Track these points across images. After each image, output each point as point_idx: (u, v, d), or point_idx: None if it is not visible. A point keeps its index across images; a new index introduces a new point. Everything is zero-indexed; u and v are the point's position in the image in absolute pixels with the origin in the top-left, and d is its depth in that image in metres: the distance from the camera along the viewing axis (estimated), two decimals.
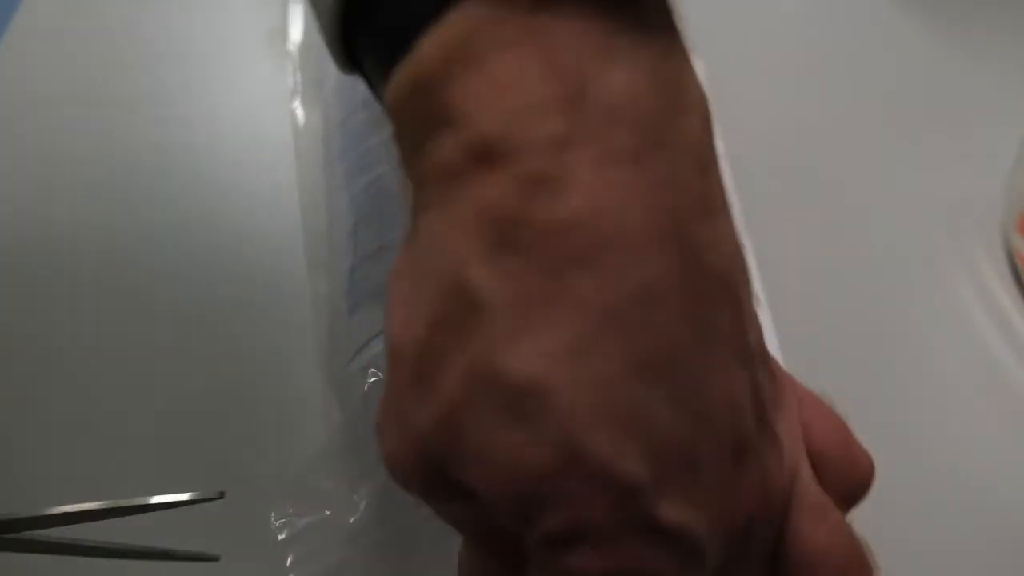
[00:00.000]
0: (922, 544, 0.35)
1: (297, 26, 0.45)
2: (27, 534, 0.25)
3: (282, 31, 0.45)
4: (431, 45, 0.17)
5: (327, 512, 0.29)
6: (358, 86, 0.37)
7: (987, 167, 0.45)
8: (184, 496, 0.26)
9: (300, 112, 0.42)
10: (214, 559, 0.27)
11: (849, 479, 0.23)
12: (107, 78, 0.45)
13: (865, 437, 0.37)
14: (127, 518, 0.25)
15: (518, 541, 0.19)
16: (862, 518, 0.35)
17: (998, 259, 0.43)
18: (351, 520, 0.29)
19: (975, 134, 0.48)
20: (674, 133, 0.17)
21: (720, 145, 0.20)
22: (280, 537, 0.29)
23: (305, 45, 0.43)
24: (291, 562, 0.29)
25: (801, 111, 0.49)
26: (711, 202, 0.18)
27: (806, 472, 0.22)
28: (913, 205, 0.45)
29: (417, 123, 0.18)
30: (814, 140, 0.47)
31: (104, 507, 0.25)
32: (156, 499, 0.25)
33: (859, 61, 0.52)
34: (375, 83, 0.20)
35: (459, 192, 0.17)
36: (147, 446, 0.33)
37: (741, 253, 0.20)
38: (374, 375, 0.30)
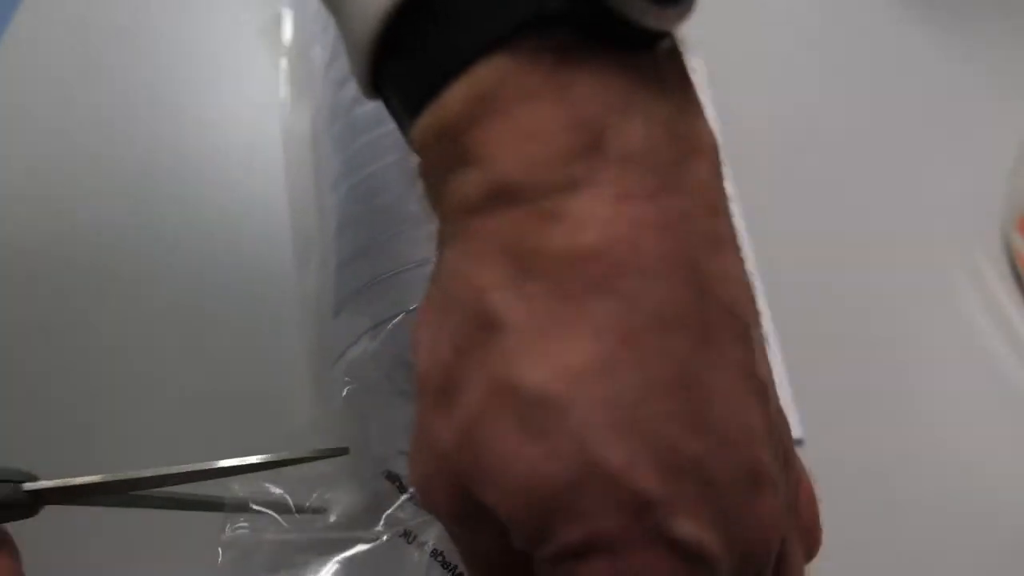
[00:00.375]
0: (922, 543, 0.35)
1: (289, 26, 0.45)
2: (156, 491, 0.26)
3: (274, 30, 0.45)
4: (459, 93, 0.18)
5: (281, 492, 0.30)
6: (346, 88, 0.37)
7: (987, 167, 0.45)
8: (309, 452, 0.27)
9: (290, 112, 0.42)
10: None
11: (806, 548, 0.23)
12: (106, 78, 0.45)
13: (866, 436, 0.37)
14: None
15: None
16: (864, 517, 0.35)
17: (998, 259, 0.43)
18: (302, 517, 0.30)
19: (975, 134, 0.48)
20: (686, 178, 0.19)
21: (729, 186, 0.20)
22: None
23: (296, 45, 0.44)
24: (228, 529, 0.29)
25: (801, 111, 0.49)
26: (721, 240, 0.19)
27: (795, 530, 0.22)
28: (913, 205, 0.45)
29: (442, 162, 0.19)
30: (814, 140, 0.47)
31: (230, 465, 0.26)
32: (281, 456, 0.27)
33: (859, 61, 0.52)
34: (399, 115, 0.21)
35: (480, 226, 0.18)
36: (133, 440, 0.33)
37: (751, 293, 0.20)
38: (349, 383, 0.30)
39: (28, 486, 0.24)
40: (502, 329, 0.18)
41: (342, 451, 0.28)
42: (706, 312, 0.18)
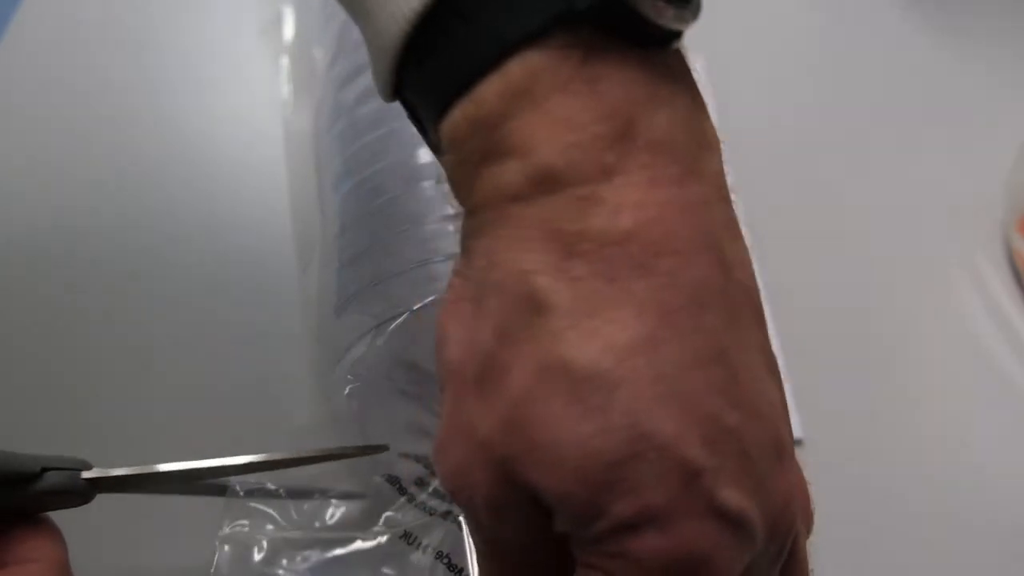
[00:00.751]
0: (922, 543, 0.35)
1: (289, 24, 0.45)
2: (210, 481, 0.28)
3: (275, 29, 0.45)
4: (493, 88, 0.19)
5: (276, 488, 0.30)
6: (348, 88, 0.37)
7: (987, 167, 0.45)
8: (350, 449, 0.29)
9: (291, 112, 0.42)
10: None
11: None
12: (106, 78, 0.45)
13: (866, 436, 0.37)
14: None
15: (556, 561, 0.21)
16: (864, 517, 0.35)
17: (998, 259, 0.43)
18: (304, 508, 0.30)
19: (975, 134, 0.48)
20: (703, 167, 0.20)
21: (731, 180, 0.21)
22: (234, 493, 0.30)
23: (297, 44, 0.44)
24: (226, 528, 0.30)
25: (801, 111, 0.49)
26: (734, 226, 0.21)
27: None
28: (913, 205, 0.45)
29: (475, 155, 0.20)
30: (814, 140, 0.47)
31: (279, 458, 0.27)
32: (326, 450, 0.28)
33: (859, 62, 0.52)
34: (422, 115, 0.22)
35: (520, 212, 0.19)
36: (132, 439, 0.33)
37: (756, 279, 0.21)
38: (350, 383, 0.30)
39: (85, 474, 0.24)
40: (549, 310, 0.19)
41: (382, 448, 0.29)
42: (731, 293, 0.20)
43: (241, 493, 0.29)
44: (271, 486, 0.30)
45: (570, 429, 0.18)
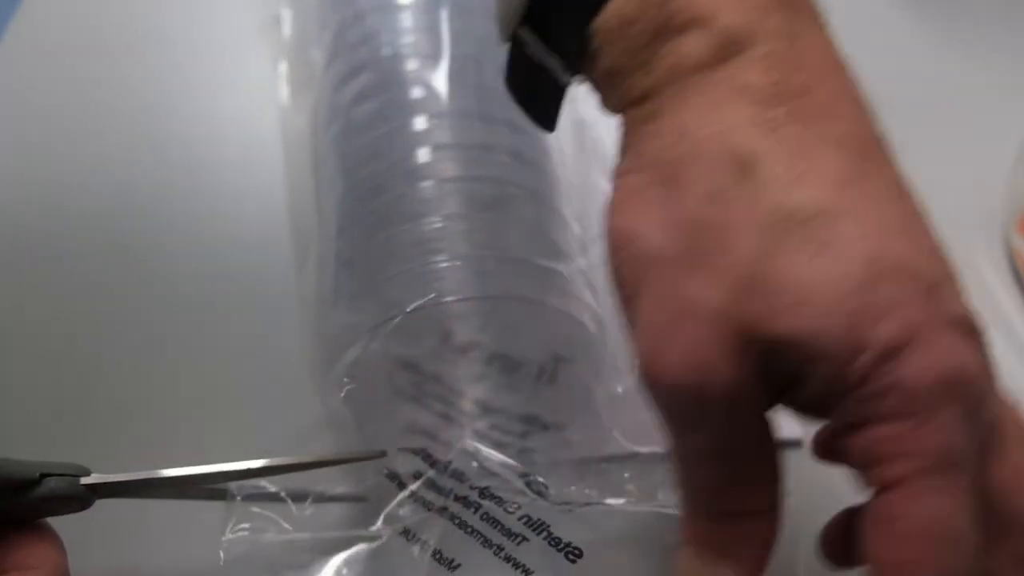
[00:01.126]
0: None
1: (287, 26, 0.45)
2: (212, 486, 0.29)
3: (273, 31, 0.45)
4: None
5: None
6: (345, 88, 0.37)
7: (987, 167, 0.45)
8: (348, 454, 0.30)
9: (290, 113, 0.42)
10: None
11: None
12: (105, 79, 0.45)
13: None
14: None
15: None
16: None
17: (998, 259, 0.43)
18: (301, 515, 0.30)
19: (975, 134, 0.48)
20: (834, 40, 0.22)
21: None
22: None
23: (295, 46, 0.43)
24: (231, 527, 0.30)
25: None
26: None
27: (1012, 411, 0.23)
28: None
29: (644, 36, 0.21)
30: None
31: (277, 464, 0.28)
32: (322, 457, 0.29)
33: (859, 62, 0.52)
34: (558, 32, 0.23)
35: (708, 78, 0.21)
36: (131, 440, 0.33)
37: None
38: (348, 383, 0.30)
39: (85, 480, 0.24)
40: (756, 161, 0.19)
41: (380, 454, 0.30)
42: (884, 143, 0.21)
43: (240, 497, 0.29)
44: (271, 489, 0.30)
45: (808, 267, 0.19)
